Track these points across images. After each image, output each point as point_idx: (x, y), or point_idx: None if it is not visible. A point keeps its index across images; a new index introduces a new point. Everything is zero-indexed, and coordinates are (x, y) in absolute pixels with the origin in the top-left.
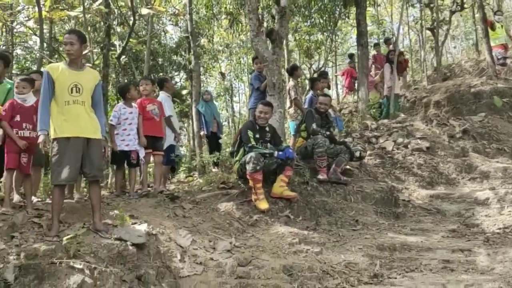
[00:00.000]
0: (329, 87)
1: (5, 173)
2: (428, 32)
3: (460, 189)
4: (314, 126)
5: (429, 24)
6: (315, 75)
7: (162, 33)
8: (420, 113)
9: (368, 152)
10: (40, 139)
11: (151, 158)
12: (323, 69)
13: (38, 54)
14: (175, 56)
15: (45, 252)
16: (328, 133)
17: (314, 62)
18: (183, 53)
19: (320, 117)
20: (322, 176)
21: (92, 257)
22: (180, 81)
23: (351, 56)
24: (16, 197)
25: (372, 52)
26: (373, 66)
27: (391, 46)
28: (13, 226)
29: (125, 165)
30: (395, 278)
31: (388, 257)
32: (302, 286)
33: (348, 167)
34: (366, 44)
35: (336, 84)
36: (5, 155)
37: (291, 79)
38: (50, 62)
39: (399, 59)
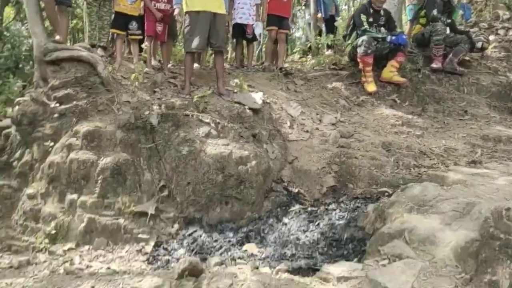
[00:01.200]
0: None
1: (146, 38)
2: None
3: None
4: (434, 12)
5: None
6: None
7: None
8: None
9: (493, 44)
10: (176, 11)
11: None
12: None
13: None
14: None
15: (180, 106)
16: (449, 20)
17: None
18: None
19: (443, 2)
20: (436, 65)
21: (216, 114)
22: None
23: None
24: (153, 62)
25: None
26: None
27: None
28: (154, 83)
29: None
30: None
31: (491, 148)
32: (398, 161)
33: (467, 58)
34: None
35: None
36: (145, 23)
37: None
38: None
39: None
